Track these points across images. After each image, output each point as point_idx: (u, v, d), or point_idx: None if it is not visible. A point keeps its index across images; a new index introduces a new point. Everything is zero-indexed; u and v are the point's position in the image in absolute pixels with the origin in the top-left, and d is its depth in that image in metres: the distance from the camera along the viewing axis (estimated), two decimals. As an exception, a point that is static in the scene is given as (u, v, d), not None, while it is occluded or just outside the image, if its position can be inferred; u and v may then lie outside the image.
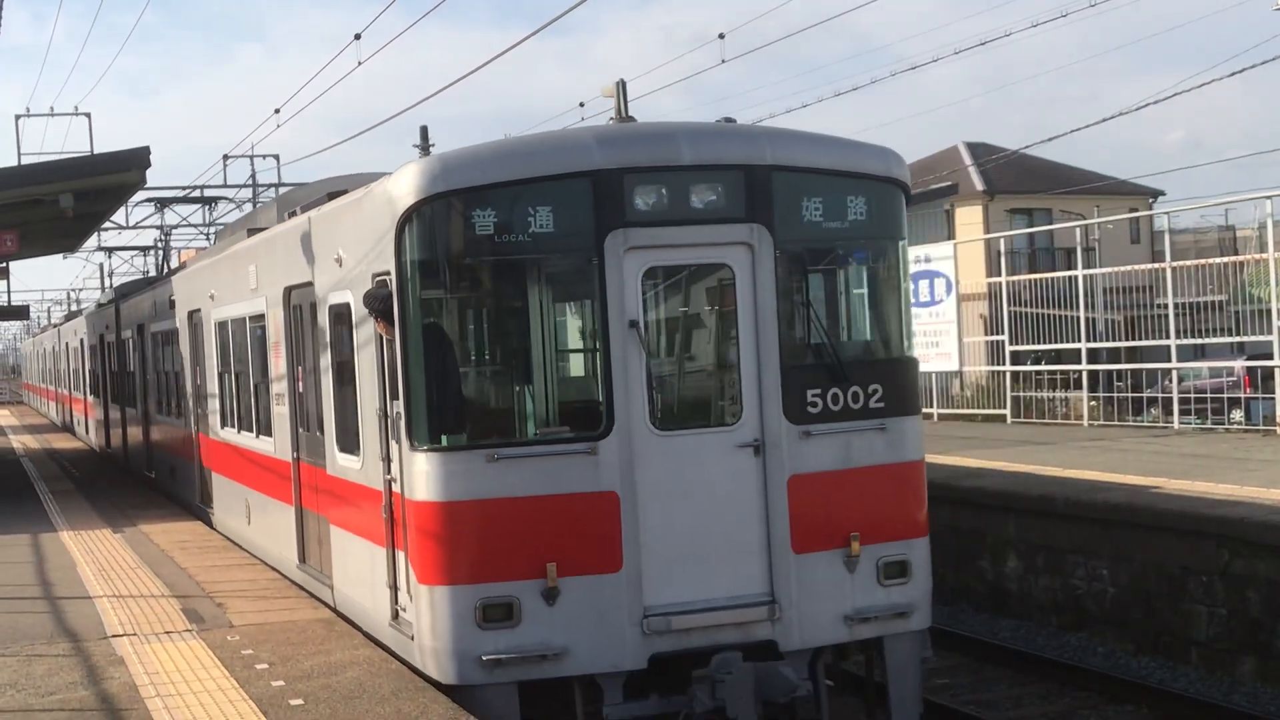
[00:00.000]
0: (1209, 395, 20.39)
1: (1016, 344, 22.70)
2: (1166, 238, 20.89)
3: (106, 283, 45.76)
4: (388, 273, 8.58)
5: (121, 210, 35.70)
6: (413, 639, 8.58)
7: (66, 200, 19.12)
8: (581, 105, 38.25)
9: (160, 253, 39.21)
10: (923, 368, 24.29)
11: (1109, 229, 29.94)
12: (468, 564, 8.26)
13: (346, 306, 9.64)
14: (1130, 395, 21.39)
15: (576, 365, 9.26)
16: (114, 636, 9.86)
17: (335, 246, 9.92)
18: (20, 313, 34.91)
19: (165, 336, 18.63)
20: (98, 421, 28.73)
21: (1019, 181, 44.86)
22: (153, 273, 37.62)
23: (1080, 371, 21.43)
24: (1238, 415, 20.05)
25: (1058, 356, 22.73)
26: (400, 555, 8.79)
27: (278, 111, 40.63)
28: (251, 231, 13.81)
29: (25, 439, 35.86)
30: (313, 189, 13.07)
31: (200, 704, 7.97)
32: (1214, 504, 12.54)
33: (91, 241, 39.72)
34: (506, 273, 8.84)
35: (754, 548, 8.57)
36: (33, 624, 10.39)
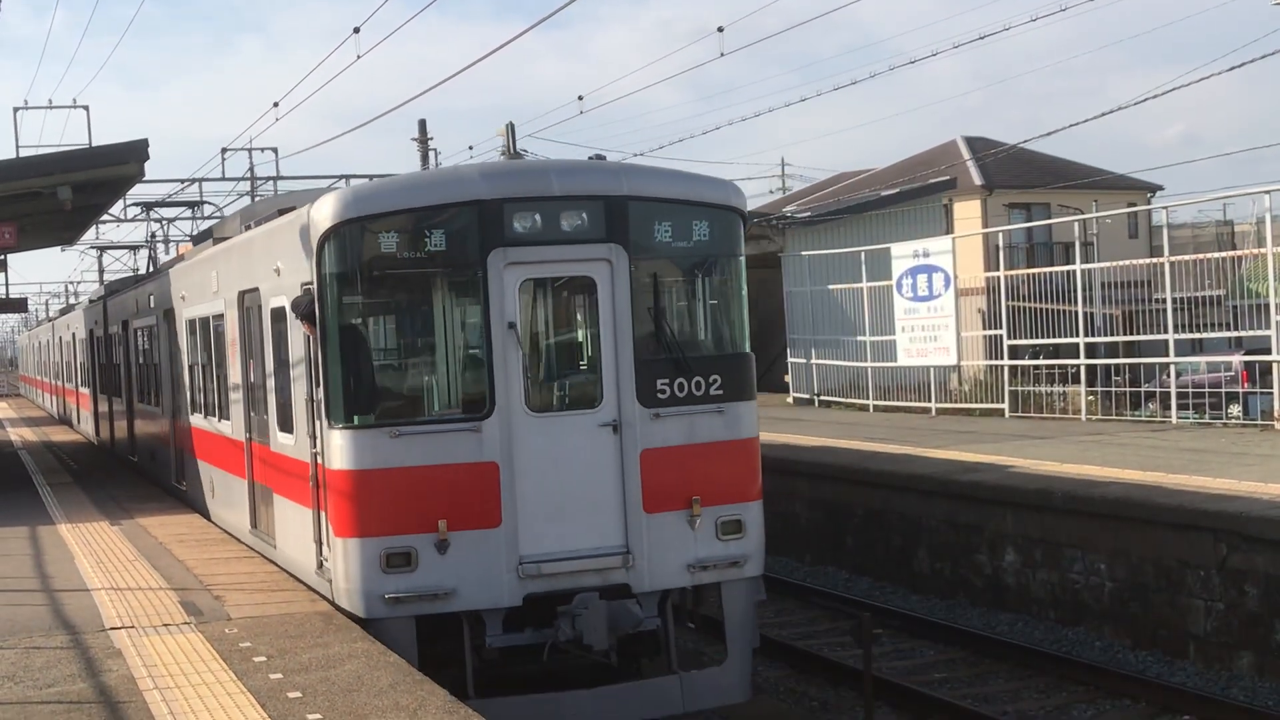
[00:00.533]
0: (1207, 390, 20.41)
1: (1014, 339, 22.71)
2: (1165, 232, 20.91)
3: (105, 277, 46.93)
4: (311, 283, 10.31)
5: (119, 203, 35.82)
6: (332, 583, 10.32)
7: (65, 193, 19.10)
8: (580, 99, 38.27)
9: (149, 251, 40.41)
10: (920, 362, 24.47)
11: (1107, 224, 29.96)
12: (374, 521, 9.95)
13: (283, 309, 11.25)
14: (1128, 390, 21.41)
15: (465, 359, 10.61)
16: (112, 629, 9.86)
17: (275, 259, 11.55)
18: (19, 305, 34.89)
19: (146, 332, 20.27)
20: (89, 412, 30.21)
21: (1017, 176, 44.85)
22: (149, 268, 38.65)
23: (1078, 366, 21.44)
24: (1235, 410, 20.08)
25: (1056, 351, 22.75)
26: (323, 515, 10.46)
27: (276, 105, 40.51)
28: (217, 240, 15.53)
29: (23, 431, 35.86)
30: (270, 203, 14.54)
31: (198, 696, 7.97)
32: (1212, 498, 12.57)
33: (90, 234, 39.78)
34: (406, 283, 10.58)
35: (612, 508, 10.28)
36: (31, 616, 10.39)
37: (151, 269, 30.74)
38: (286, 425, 11.55)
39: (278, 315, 11.58)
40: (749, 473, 11.11)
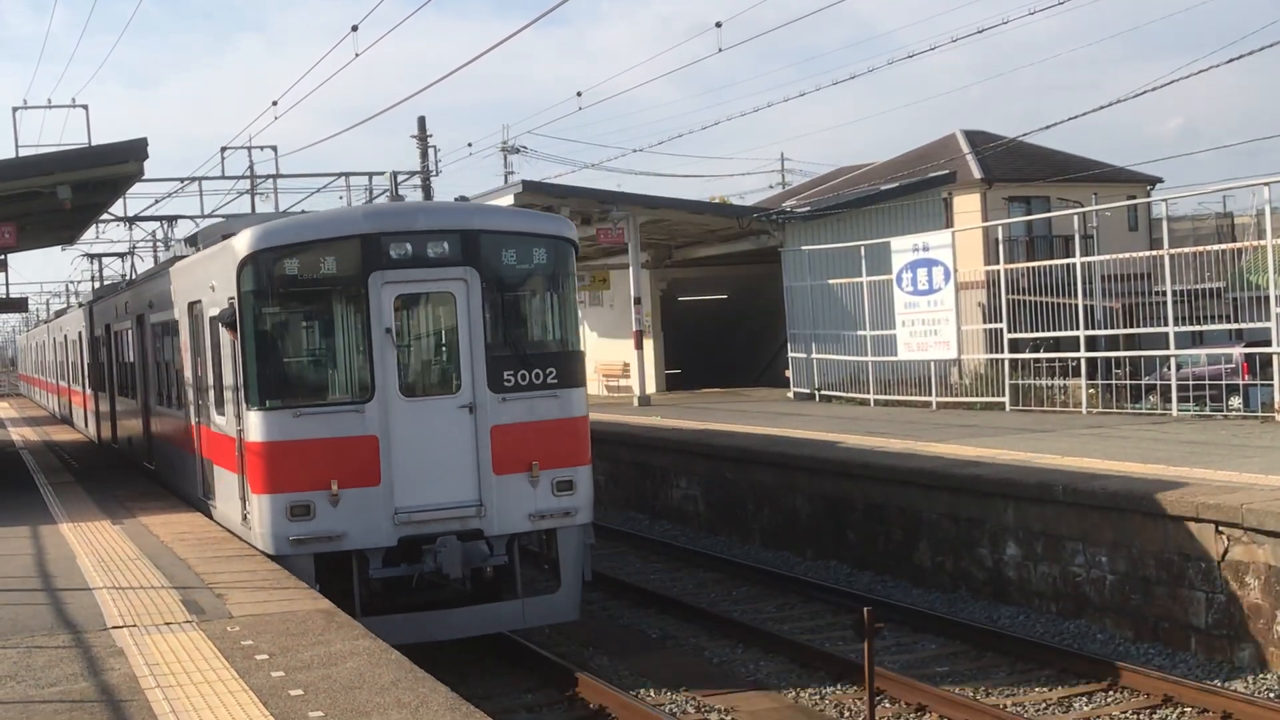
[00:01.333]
0: (1207, 382, 20.42)
1: (1015, 332, 22.71)
2: (1165, 225, 20.89)
3: (102, 279, 48.37)
4: (233, 298, 12.98)
5: (119, 202, 35.84)
6: (251, 530, 13.04)
7: (64, 192, 19.08)
8: (579, 95, 38.26)
9: (130, 260, 43.85)
10: (921, 356, 24.48)
11: (1107, 216, 29.93)
12: (281, 481, 12.62)
13: (216, 318, 13.81)
14: (1129, 382, 21.42)
15: (353, 356, 13.02)
16: (114, 628, 9.86)
17: (211, 278, 14.22)
18: (19, 305, 34.85)
19: (124, 335, 22.68)
20: (80, 407, 33.17)
21: (1016, 169, 44.84)
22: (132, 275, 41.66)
23: (1079, 359, 21.44)
24: (1236, 402, 20.08)
25: (1056, 344, 22.75)
26: (245, 479, 13.12)
27: (275, 104, 40.60)
28: (177, 258, 18.25)
29: (25, 430, 35.86)
30: (221, 227, 16.88)
31: (200, 694, 7.98)
32: (1213, 490, 12.57)
33: (90, 233, 39.76)
34: (306, 298, 13.31)
35: (468, 471, 12.91)
36: (32, 616, 10.40)
37: (133, 275, 33.16)
38: (221, 409, 14.15)
39: (214, 322, 14.04)
40: (579, 443, 13.57)
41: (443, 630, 13.01)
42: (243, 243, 12.94)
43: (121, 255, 47.74)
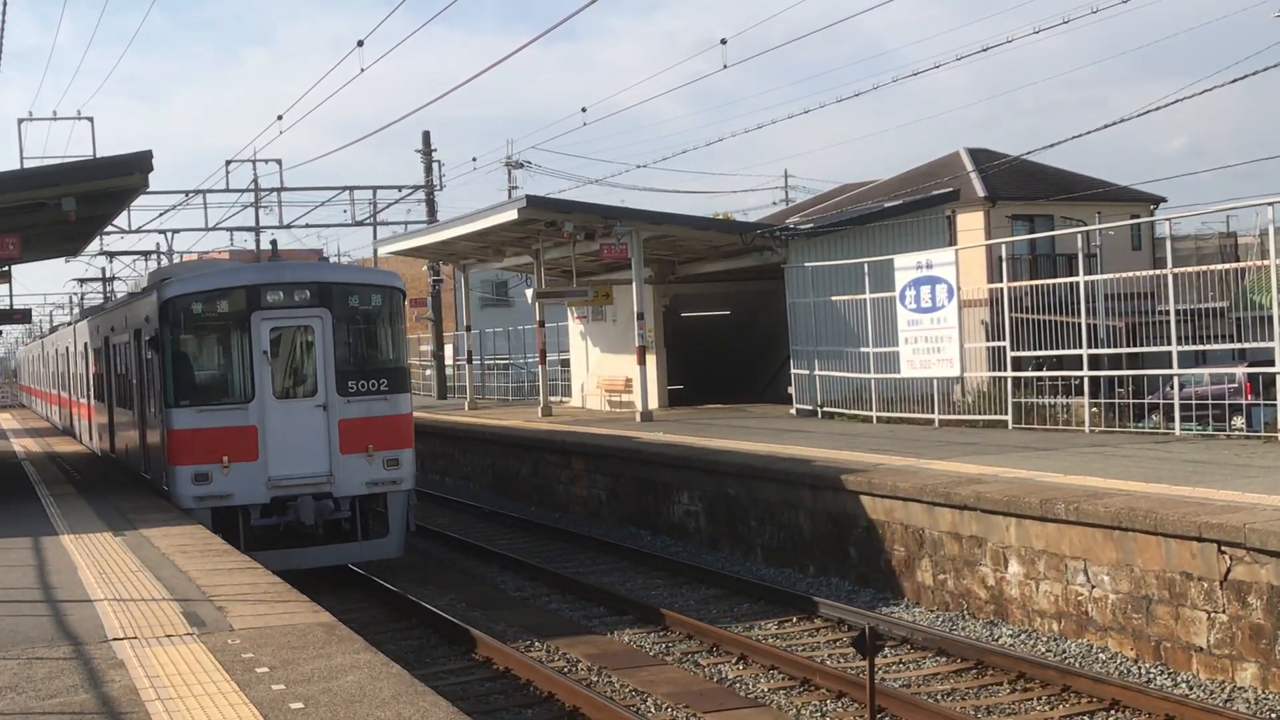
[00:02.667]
0: (1210, 401, 20.40)
1: (1018, 350, 22.71)
2: (1168, 244, 20.86)
3: (88, 299, 50.97)
4: (157, 329, 18.43)
5: (123, 215, 36.02)
6: (169, 490, 18.24)
7: (69, 204, 19.11)
8: (584, 110, 38.25)
9: (105, 290, 48.99)
10: (924, 374, 24.47)
11: (1110, 235, 29.97)
12: (188, 456, 17.85)
13: (148, 342, 18.95)
14: (1132, 401, 21.40)
15: (240, 370, 18.20)
16: (115, 640, 9.86)
17: (145, 312, 19.72)
18: (23, 316, 34.86)
19: (96, 352, 27.85)
20: (67, 410, 38.79)
21: (1020, 188, 44.88)
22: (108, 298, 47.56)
23: (1082, 377, 21.43)
24: (1239, 421, 20.06)
25: (1059, 363, 22.73)
26: (165, 456, 18.38)
27: (280, 119, 40.87)
28: (132, 295, 23.53)
29: (26, 442, 35.87)
30: (165, 271, 22.39)
31: (201, 707, 7.97)
32: (1215, 510, 12.56)
33: (94, 245, 40.05)
34: (207, 330, 18.64)
35: (322, 451, 18.15)
36: (33, 627, 10.40)
37: (109, 300, 39.83)
38: (155, 406, 19.17)
39: (148, 345, 19.15)
40: (404, 433, 18.80)
41: (304, 561, 17.89)
42: (166, 290, 18.52)
43: (106, 280, 50.94)
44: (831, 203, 49.81)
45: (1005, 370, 22.96)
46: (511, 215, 29.51)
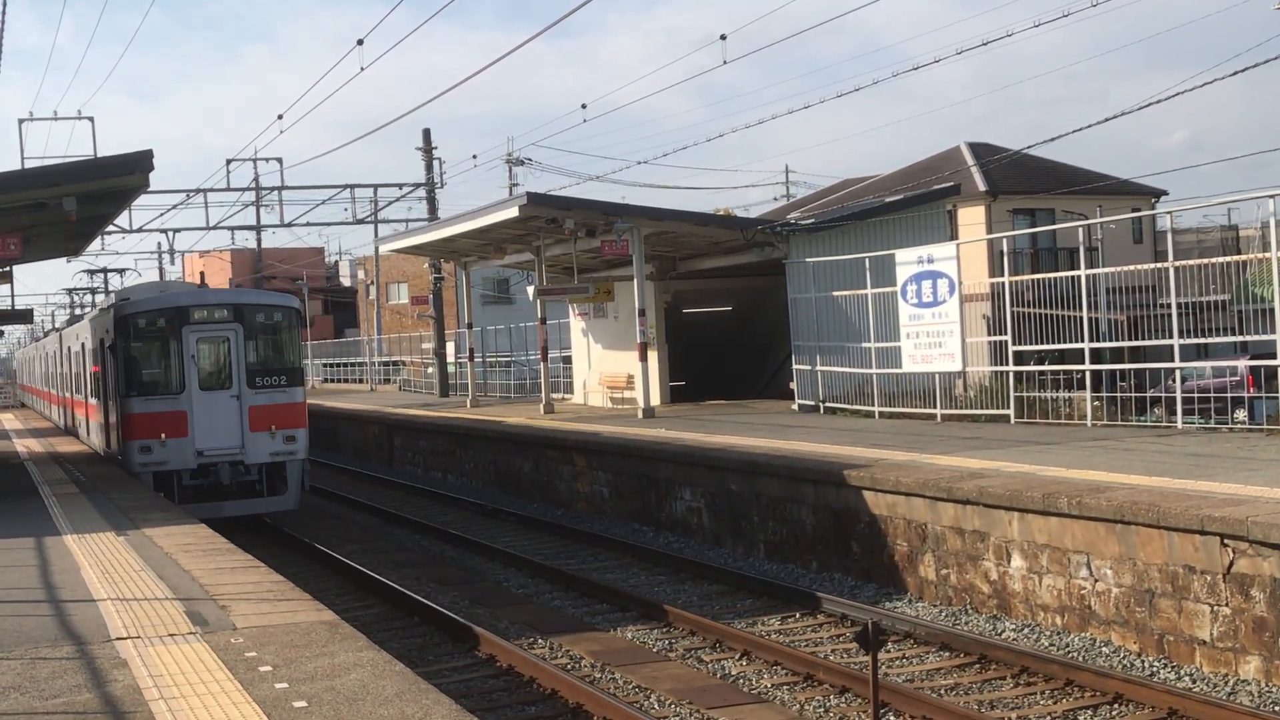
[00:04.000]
0: (1212, 395, 20.38)
1: (1019, 344, 22.69)
2: (1169, 237, 20.85)
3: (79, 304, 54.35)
4: (115, 338, 23.45)
5: (124, 215, 36.08)
6: (124, 459, 23.45)
7: (70, 204, 19.13)
8: (584, 107, 38.25)
9: (71, 307, 55.67)
10: (925, 368, 24.47)
11: (1112, 229, 29.91)
12: (137, 433, 22.91)
13: (109, 348, 24.33)
14: (1134, 395, 21.38)
15: (174, 370, 23.46)
16: (117, 639, 9.86)
17: (107, 325, 24.68)
18: (24, 316, 34.90)
19: (77, 355, 33.09)
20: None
21: (1021, 182, 44.87)
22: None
23: (1083, 371, 21.42)
24: (1241, 415, 20.05)
25: (1061, 356, 22.72)
26: (120, 433, 23.73)
27: (280, 118, 40.87)
28: (103, 310, 27.89)
29: (29, 442, 35.89)
30: (126, 291, 27.54)
31: (204, 706, 7.97)
32: (1218, 503, 12.56)
33: (95, 245, 40.15)
34: (150, 339, 23.67)
35: (236, 430, 23.29)
36: (36, 627, 10.40)
37: (77, 315, 46.90)
38: (114, 395, 24.49)
39: (108, 351, 24.71)
40: (299, 416, 24.16)
41: (223, 512, 22.80)
42: (118, 309, 24.09)
43: (91, 290, 56.41)
44: (832, 198, 49.78)
45: (1007, 364, 22.95)
46: (513, 212, 29.50)
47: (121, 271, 53.27)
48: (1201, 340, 20.47)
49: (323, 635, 9.76)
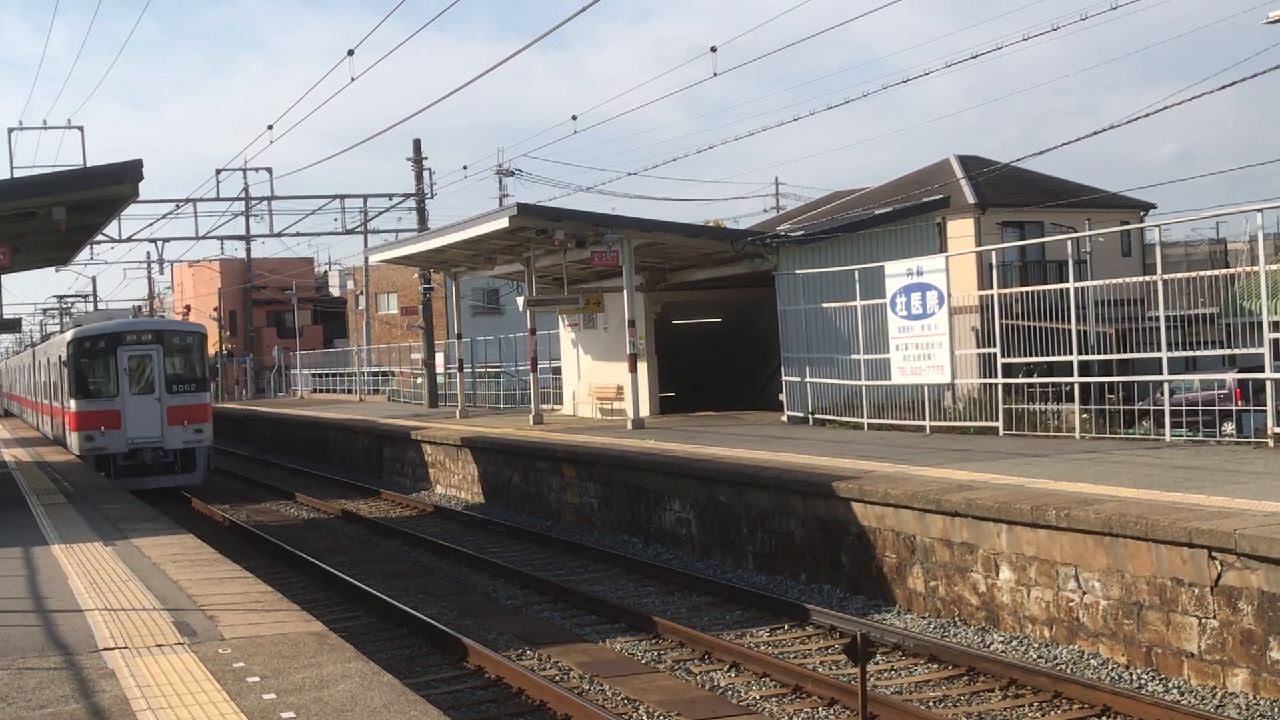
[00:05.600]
0: (1201, 408, 20.44)
1: (1008, 357, 22.74)
2: (1158, 250, 20.94)
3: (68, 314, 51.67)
4: (69, 355, 32.35)
5: (114, 224, 36.16)
6: (68, 447, 33.32)
7: (59, 213, 19.12)
8: (574, 118, 38.34)
9: (39, 329, 61.44)
10: (915, 380, 24.50)
11: (1100, 242, 30.02)
12: (82, 425, 31.70)
13: (62, 363, 33.16)
14: (1122, 408, 21.44)
15: (111, 380, 31.78)
16: (105, 649, 9.84)
17: (64, 344, 33.13)
18: (12, 325, 34.87)
19: (43, 367, 40.81)
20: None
21: (1010, 195, 44.95)
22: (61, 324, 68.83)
23: (1072, 384, 21.47)
24: (1229, 428, 20.11)
25: (1050, 369, 22.77)
26: (66, 425, 33.40)
27: (270, 128, 40.79)
28: (64, 329, 36.32)
29: (16, 451, 35.85)
30: (79, 318, 37.67)
31: (192, 717, 7.96)
32: (1206, 516, 12.58)
33: (84, 254, 40.33)
34: (94, 357, 32.17)
35: (158, 424, 32.00)
36: (24, 637, 10.38)
37: (49, 333, 58.91)
38: (65, 399, 32.25)
39: (63, 365, 32.63)
40: (205, 413, 32.37)
41: (147, 484, 30.68)
42: (70, 334, 32.64)
43: (74, 302, 61.53)
44: (822, 210, 49.85)
45: (996, 377, 23.00)
46: (502, 223, 29.51)
47: (86, 296, 61.50)
48: (1190, 353, 20.53)
49: (311, 646, 9.75)
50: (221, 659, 9.41)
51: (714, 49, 27.56)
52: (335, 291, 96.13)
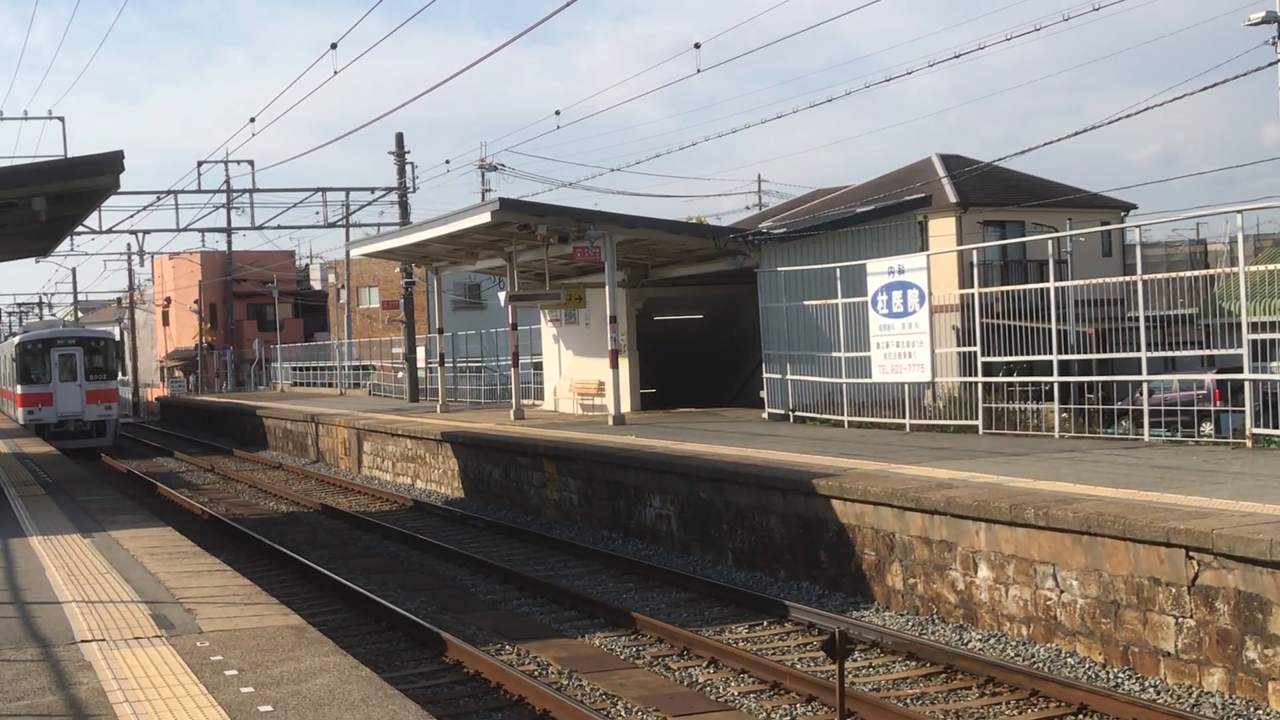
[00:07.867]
0: (1179, 408, 20.52)
1: (989, 355, 22.80)
2: (1138, 251, 21.01)
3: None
4: (16, 354, 48.07)
5: (94, 216, 35.96)
6: (15, 419, 48.37)
7: (39, 204, 19.05)
8: (558, 113, 38.33)
9: (8, 327, 72.18)
10: (895, 378, 24.57)
11: (1081, 242, 30.10)
12: (28, 404, 46.66)
13: (12, 360, 49.03)
14: (1101, 407, 21.51)
15: (46, 370, 46.78)
16: (83, 642, 9.82)
17: (11, 347, 50.51)
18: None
19: (3, 360, 53.59)
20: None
21: (992, 194, 45.07)
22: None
23: (1052, 383, 21.54)
24: (1208, 428, 20.19)
25: (1030, 368, 22.83)
26: (15, 404, 48.56)
27: (253, 120, 40.87)
28: (14, 333, 60.10)
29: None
30: (29, 325, 62.01)
31: (169, 709, 7.94)
32: (1183, 515, 12.64)
33: (65, 245, 40.79)
34: (35, 356, 47.27)
35: (79, 402, 46.86)
36: (1, 629, 10.34)
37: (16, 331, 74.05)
38: (14, 385, 47.59)
39: (12, 362, 48.39)
40: (114, 395, 48.31)
41: (72, 445, 42.87)
42: (17, 339, 49.19)
43: (51, 298, 76.44)
44: (804, 208, 49.93)
45: (976, 375, 23.06)
46: (485, 218, 29.47)
47: (41, 305, 74.19)
48: (1169, 353, 20.61)
49: (289, 640, 9.73)
50: (199, 652, 9.39)
51: (698, 46, 27.68)
52: (316, 285, 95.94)
